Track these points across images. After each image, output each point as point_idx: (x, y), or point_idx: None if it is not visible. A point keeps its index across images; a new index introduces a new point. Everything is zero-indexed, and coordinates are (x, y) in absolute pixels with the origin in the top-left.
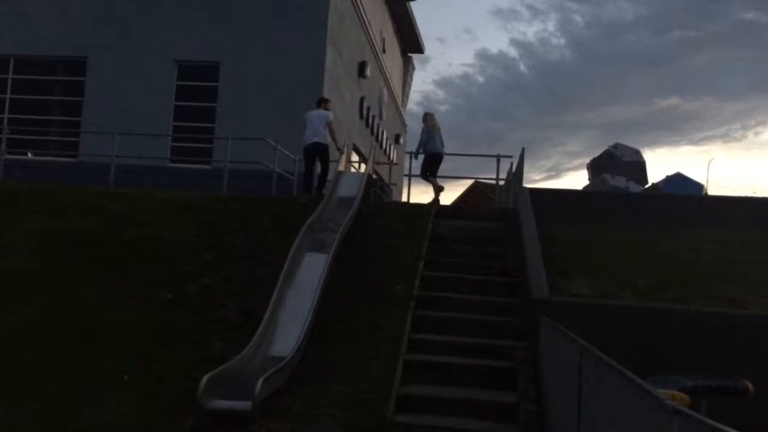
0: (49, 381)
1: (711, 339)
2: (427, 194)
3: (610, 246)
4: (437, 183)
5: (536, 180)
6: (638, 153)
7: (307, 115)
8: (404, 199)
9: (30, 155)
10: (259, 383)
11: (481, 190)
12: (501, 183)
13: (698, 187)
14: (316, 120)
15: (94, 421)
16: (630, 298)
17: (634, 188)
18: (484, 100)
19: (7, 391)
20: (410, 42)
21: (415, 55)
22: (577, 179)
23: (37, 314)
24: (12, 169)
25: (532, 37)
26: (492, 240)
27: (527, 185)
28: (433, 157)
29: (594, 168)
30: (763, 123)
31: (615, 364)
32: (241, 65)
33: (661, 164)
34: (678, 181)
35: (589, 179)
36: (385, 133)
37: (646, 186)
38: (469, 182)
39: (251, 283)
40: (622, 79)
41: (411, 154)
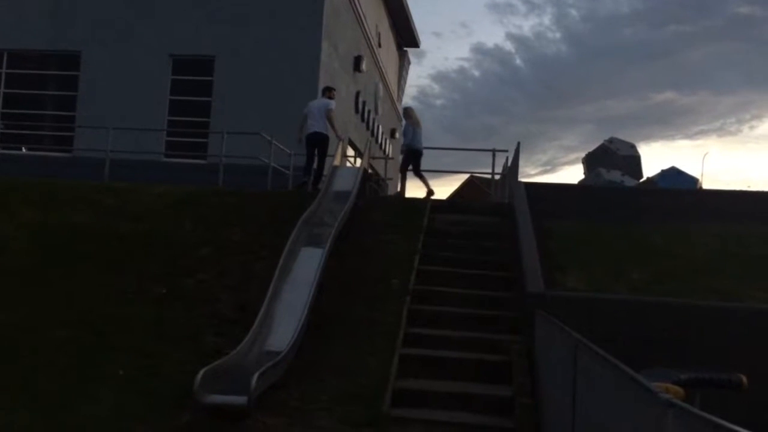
0: (44, 377)
1: (706, 332)
2: (421, 189)
3: (606, 240)
4: (426, 179)
5: (532, 174)
6: (633, 147)
7: (309, 104)
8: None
9: (24, 150)
10: (255, 378)
11: (477, 184)
12: (497, 177)
13: (693, 181)
14: (316, 109)
15: (90, 417)
16: (625, 292)
17: (629, 182)
18: (480, 95)
19: (2, 387)
20: (406, 36)
21: (410, 50)
22: (572, 173)
23: (31, 309)
24: (6, 164)
25: (528, 31)
26: (487, 234)
27: (523, 179)
28: (415, 153)
29: (589, 162)
30: (758, 117)
31: (610, 357)
32: (236, 60)
33: (657, 158)
34: (673, 175)
35: (585, 173)
36: (380, 127)
37: (641, 180)
38: (465, 177)
39: (247, 278)
40: (618, 74)
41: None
